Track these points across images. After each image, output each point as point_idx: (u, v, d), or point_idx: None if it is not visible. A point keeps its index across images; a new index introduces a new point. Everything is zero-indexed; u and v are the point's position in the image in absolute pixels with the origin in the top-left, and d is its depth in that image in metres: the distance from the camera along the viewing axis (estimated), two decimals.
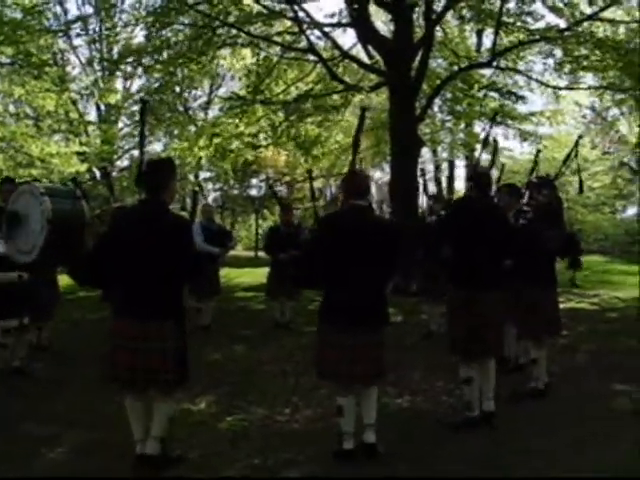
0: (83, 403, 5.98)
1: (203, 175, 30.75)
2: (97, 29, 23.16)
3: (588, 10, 14.61)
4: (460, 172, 31.63)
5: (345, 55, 16.38)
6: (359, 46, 17.64)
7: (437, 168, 32.14)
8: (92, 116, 30.99)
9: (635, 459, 4.62)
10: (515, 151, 29.15)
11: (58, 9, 26.37)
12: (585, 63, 15.17)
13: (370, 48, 16.57)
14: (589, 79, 17.12)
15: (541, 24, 15.15)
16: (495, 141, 7.82)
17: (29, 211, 4.74)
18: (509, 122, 19.83)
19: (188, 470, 4.45)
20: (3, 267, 5.86)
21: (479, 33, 22.56)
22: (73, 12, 38.80)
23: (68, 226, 4.63)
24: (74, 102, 24.49)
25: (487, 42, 20.65)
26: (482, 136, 24.17)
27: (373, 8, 16.67)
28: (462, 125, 22.32)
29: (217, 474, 4.41)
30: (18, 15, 15.83)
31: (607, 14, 14.69)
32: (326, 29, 15.88)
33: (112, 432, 5.10)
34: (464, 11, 16.03)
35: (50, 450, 4.81)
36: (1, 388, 6.40)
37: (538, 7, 15.04)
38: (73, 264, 4.61)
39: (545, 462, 4.58)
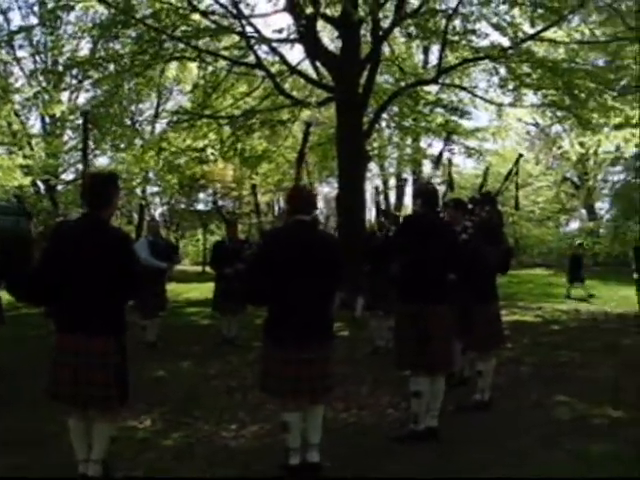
0: (21, 422, 5.84)
1: (150, 189, 30.50)
2: (42, 40, 22.89)
3: (530, 30, 14.95)
4: (408, 188, 31.90)
5: (293, 70, 16.46)
6: (307, 61, 17.75)
7: (384, 183, 32.43)
8: (36, 128, 30.52)
9: (574, 465, 4.71)
10: (460, 166, 29.50)
11: (0, 19, 26.02)
12: (527, 81, 15.51)
13: (318, 64, 16.70)
14: (531, 97, 17.51)
15: (485, 42, 15.45)
16: (450, 160, 7.94)
17: None
18: (455, 138, 20.14)
19: None
20: None
21: (425, 50, 22.93)
22: (16, 22, 38.34)
23: (12, 243, 4.55)
24: (17, 114, 24.09)
25: (433, 59, 21.03)
26: (429, 152, 24.68)
27: (321, 24, 16.80)
28: (409, 140, 22.60)
29: None
30: None
31: (548, 34, 15.03)
32: (274, 44, 15.93)
33: (51, 452, 5.01)
34: (411, 28, 16.24)
35: None
36: None
37: (483, 25, 15.28)
38: (14, 280, 4.52)
39: (490, 473, 4.63)
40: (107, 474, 4.34)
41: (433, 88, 18.45)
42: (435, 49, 18.93)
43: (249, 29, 15.33)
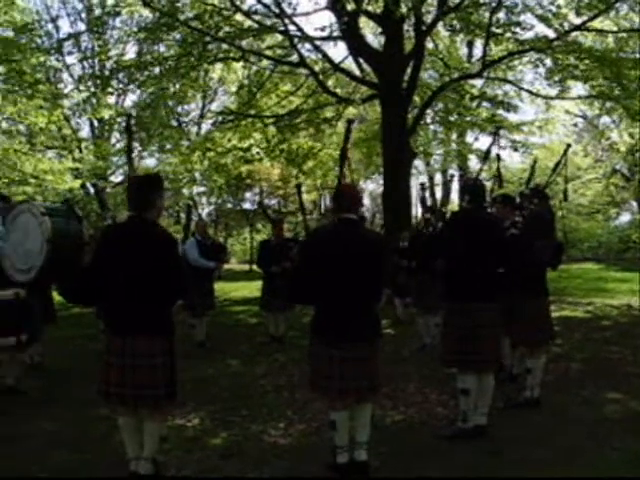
0: (74, 421, 5.95)
1: (197, 189, 30.76)
2: (89, 46, 23.28)
3: (576, 20, 14.69)
4: (455, 184, 31.60)
5: (336, 68, 16.42)
6: (350, 58, 17.70)
7: (430, 179, 32.21)
8: (85, 132, 31.05)
9: (625, 464, 4.63)
10: (507, 160, 29.14)
11: (50, 26, 26.51)
12: (574, 72, 15.25)
13: (361, 60, 16.65)
14: (579, 88, 17.23)
15: (530, 34, 15.21)
16: (498, 155, 7.82)
17: (28, 230, 4.74)
18: (501, 132, 19.90)
19: None
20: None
21: (469, 44, 22.71)
22: (65, 29, 39.10)
23: (66, 246, 4.64)
24: (67, 118, 24.51)
25: (477, 53, 20.81)
26: (475, 146, 24.46)
27: (363, 20, 16.76)
28: (454, 136, 22.40)
29: None
30: (10, 34, 15.90)
31: (595, 24, 14.76)
32: (317, 42, 15.93)
33: (102, 450, 5.11)
34: (454, 22, 16.09)
35: (42, 468, 4.79)
36: None
37: (527, 17, 15.05)
38: (66, 282, 4.61)
39: (540, 471, 4.58)
40: (157, 472, 4.42)
41: (478, 82, 18.29)
42: (479, 42, 18.67)
43: (292, 28, 15.36)
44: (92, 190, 28.82)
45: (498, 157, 7.75)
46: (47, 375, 7.90)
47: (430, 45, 17.34)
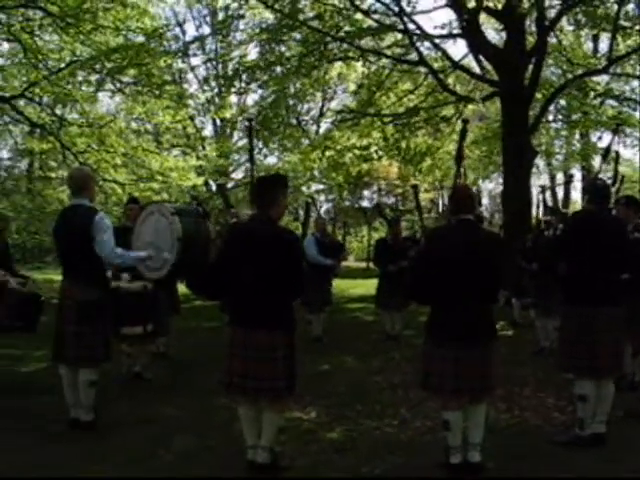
0: (195, 408, 6.22)
1: (315, 187, 31.20)
2: (213, 48, 24.03)
3: None
4: (577, 183, 30.59)
5: (456, 66, 16.30)
6: (470, 56, 17.52)
7: (552, 179, 31.36)
8: (208, 131, 32.06)
9: None
10: (634, 159, 27.96)
11: (177, 30, 27.56)
12: None
13: (481, 58, 16.44)
14: None
15: None
16: (617, 153, 7.55)
17: (159, 230, 5.01)
18: (627, 130, 19.16)
19: (297, 477, 4.58)
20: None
21: (595, 38, 21.95)
22: (191, 33, 40.47)
23: (195, 243, 4.87)
24: (191, 118, 25.40)
25: (603, 47, 20.11)
26: (599, 145, 23.65)
27: (484, 17, 16.54)
28: (577, 134, 21.73)
29: None
30: (141, 39, 16.68)
31: None
32: (436, 40, 15.85)
33: (222, 437, 5.33)
34: (579, 16, 15.64)
35: (165, 451, 5.05)
36: (120, 392, 6.75)
37: None
38: (194, 277, 4.85)
39: None
40: (274, 461, 4.58)
41: (603, 78, 17.66)
42: (605, 37, 18.07)
43: (411, 26, 15.36)
44: (214, 187, 29.74)
45: (617, 155, 7.47)
46: (171, 364, 8.27)
47: (553, 40, 16.87)
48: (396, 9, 15.23)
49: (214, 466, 4.76)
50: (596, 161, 25.03)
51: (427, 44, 16.29)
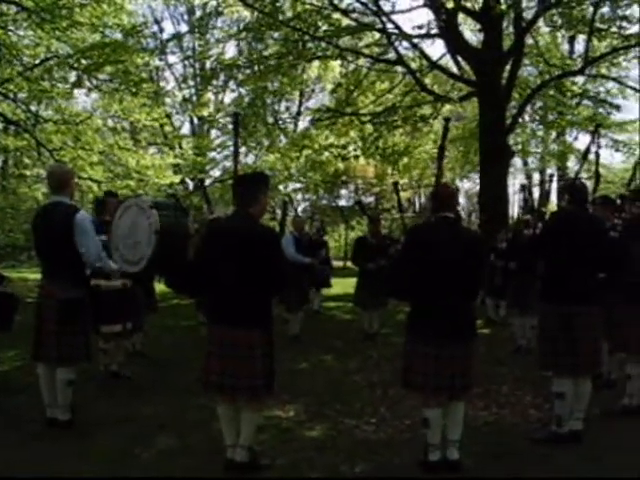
0: (174, 407, 6.18)
1: (292, 186, 31.20)
2: (190, 46, 23.94)
3: None
4: (554, 184, 30.80)
5: (434, 66, 16.38)
6: (448, 56, 17.61)
7: (528, 179, 31.60)
8: (186, 129, 31.93)
9: None
10: (608, 161, 28.21)
11: (155, 28, 27.43)
12: None
13: (459, 58, 16.53)
14: None
15: (636, 29, 14.75)
16: (597, 154, 7.59)
17: (136, 223, 4.97)
18: (602, 131, 19.34)
19: (276, 476, 4.57)
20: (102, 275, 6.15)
21: (571, 40, 22.13)
22: (168, 30, 40.33)
23: (173, 237, 4.84)
24: (168, 116, 25.27)
25: (579, 49, 20.29)
26: (575, 146, 23.85)
27: (461, 17, 16.63)
28: (553, 134, 21.91)
29: None
30: (118, 36, 16.59)
31: None
32: (415, 40, 15.92)
33: (201, 436, 5.30)
34: (555, 18, 15.76)
35: (143, 450, 5.02)
36: (98, 391, 6.70)
37: (634, 10, 14.58)
38: (173, 274, 4.82)
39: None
40: (253, 460, 4.56)
41: (579, 79, 17.82)
42: (582, 38, 18.21)
43: (389, 26, 15.44)
44: (191, 186, 29.61)
45: (597, 156, 7.52)
46: (149, 363, 8.21)
47: (530, 41, 17.00)
48: (374, 8, 15.28)
49: (193, 465, 4.73)
50: (572, 161, 25.28)
51: (405, 44, 16.41)
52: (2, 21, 15.77)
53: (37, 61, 16.57)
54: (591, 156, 7.23)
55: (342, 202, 36.09)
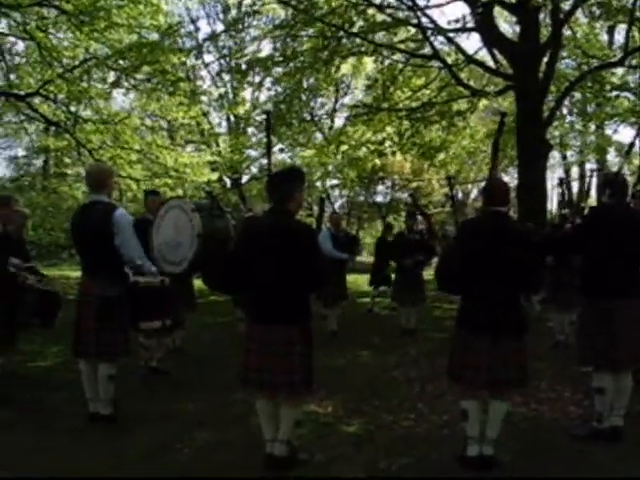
0: (213, 403, 6.25)
1: (330, 182, 31.22)
2: (226, 44, 24.10)
3: None
4: (594, 178, 30.38)
5: (470, 60, 16.22)
6: (484, 50, 17.45)
7: (567, 173, 31.22)
8: (222, 127, 32.13)
9: None
10: None
11: (190, 27, 27.65)
12: None
13: (495, 51, 16.36)
14: None
15: None
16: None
17: (179, 225, 5.05)
18: None
19: (314, 471, 4.60)
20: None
21: (610, 30, 21.79)
22: (204, 29, 40.60)
23: (214, 240, 4.90)
24: (205, 114, 25.45)
25: (619, 39, 19.97)
26: (614, 139, 23.51)
27: (497, 10, 16.47)
28: (592, 127, 21.61)
29: (342, 475, 4.53)
30: (155, 36, 16.78)
31: None
32: (450, 34, 15.79)
33: (240, 432, 5.36)
34: (594, 8, 15.52)
35: (183, 446, 5.08)
36: (138, 386, 6.82)
37: None
38: (211, 273, 4.87)
39: None
40: (292, 455, 4.61)
41: (619, 71, 17.52)
42: (621, 28, 17.93)
43: (424, 20, 15.32)
44: (228, 183, 29.80)
45: None
46: (188, 359, 8.30)
47: (567, 33, 16.76)
48: (409, 3, 15.20)
49: (232, 460, 4.78)
50: (611, 154, 24.89)
51: (441, 38, 16.24)
52: (43, 25, 16.05)
53: (76, 63, 16.83)
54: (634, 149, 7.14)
55: (379, 198, 36.10)
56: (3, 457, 4.82)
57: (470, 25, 15.43)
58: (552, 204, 21.81)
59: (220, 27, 30.52)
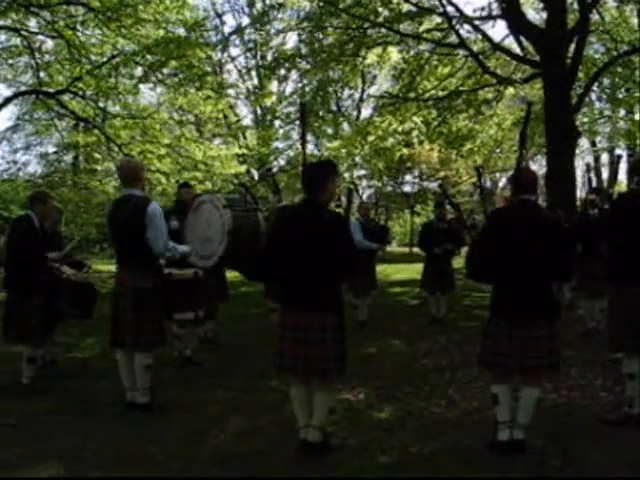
0: (246, 391, 6.36)
1: (357, 173, 31.23)
2: (252, 38, 24.22)
3: None
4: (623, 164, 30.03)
5: (496, 47, 16.16)
6: (511, 37, 17.33)
7: (596, 160, 30.92)
8: (249, 119, 32.27)
9: None
10: None
11: (216, 21, 27.77)
12: None
13: (522, 39, 16.26)
14: None
15: None
16: None
17: (209, 221, 5.15)
18: None
19: (347, 456, 4.67)
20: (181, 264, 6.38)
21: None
22: (229, 23, 40.72)
23: (244, 236, 5.00)
24: (232, 107, 25.61)
25: None
26: None
27: None
28: (622, 113, 21.38)
29: (375, 461, 4.61)
30: (181, 31, 16.94)
31: None
32: (476, 22, 15.74)
33: (274, 418, 5.47)
34: None
35: (220, 431, 5.20)
36: (173, 375, 6.97)
37: None
38: (245, 267, 4.97)
39: None
40: (325, 441, 4.70)
41: None
42: None
43: (450, 9, 15.29)
44: (256, 175, 29.96)
45: None
46: (221, 349, 8.44)
47: (596, 18, 16.60)
48: None
49: (266, 446, 4.87)
50: None
51: (466, 27, 16.20)
52: (71, 22, 16.28)
53: (104, 59, 17.07)
54: None
55: (407, 188, 36.04)
56: (62, 442, 4.97)
57: (496, 12, 15.39)
58: (582, 191, 21.61)
59: (245, 21, 30.66)
